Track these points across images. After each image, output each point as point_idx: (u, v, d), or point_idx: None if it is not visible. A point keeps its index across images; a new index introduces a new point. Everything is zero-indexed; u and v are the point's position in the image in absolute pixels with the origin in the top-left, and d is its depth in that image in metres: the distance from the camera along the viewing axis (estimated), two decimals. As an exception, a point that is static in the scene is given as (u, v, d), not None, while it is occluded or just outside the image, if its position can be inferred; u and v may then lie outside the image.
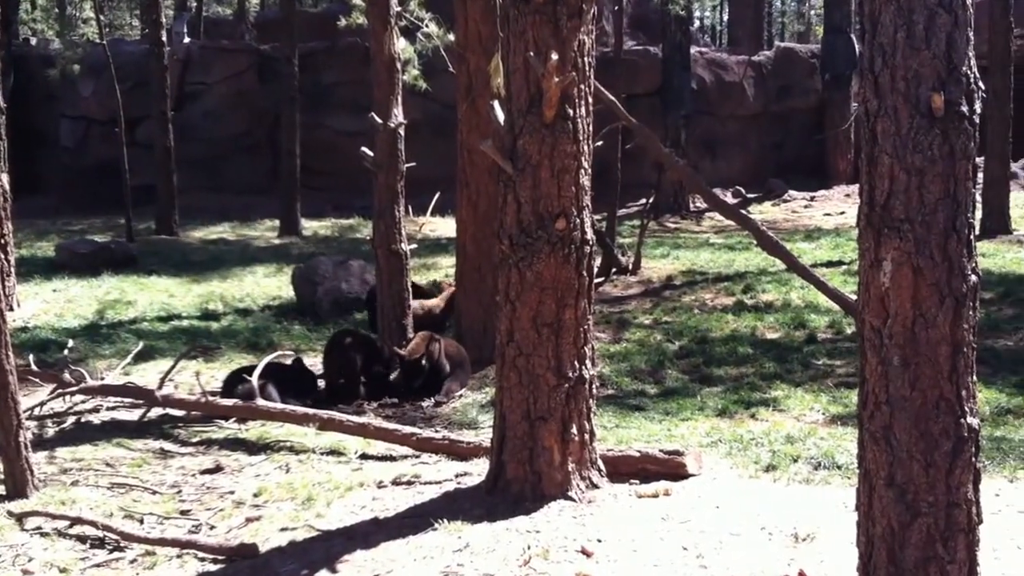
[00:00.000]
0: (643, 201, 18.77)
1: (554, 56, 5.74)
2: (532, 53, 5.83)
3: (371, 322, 10.53)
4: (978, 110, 3.98)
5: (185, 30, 26.19)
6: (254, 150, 24.83)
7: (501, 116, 6.51)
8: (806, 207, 21.05)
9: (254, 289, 13.79)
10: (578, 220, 6.02)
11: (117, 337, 10.67)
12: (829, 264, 14.25)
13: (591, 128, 6.11)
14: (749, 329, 10.56)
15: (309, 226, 20.41)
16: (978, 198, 16.62)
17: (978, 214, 16.08)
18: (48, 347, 10.33)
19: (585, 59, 6.04)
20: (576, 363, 5.98)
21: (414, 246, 10.34)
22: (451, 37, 13.08)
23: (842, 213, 19.87)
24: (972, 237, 3.98)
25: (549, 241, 5.94)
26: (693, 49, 23.19)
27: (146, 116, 21.17)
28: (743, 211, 9.94)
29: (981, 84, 4.02)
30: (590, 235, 6.10)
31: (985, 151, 16.72)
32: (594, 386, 6.10)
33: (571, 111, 5.96)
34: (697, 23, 39.20)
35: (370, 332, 10.05)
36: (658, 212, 20.02)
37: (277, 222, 21.12)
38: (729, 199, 22.45)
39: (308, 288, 12.10)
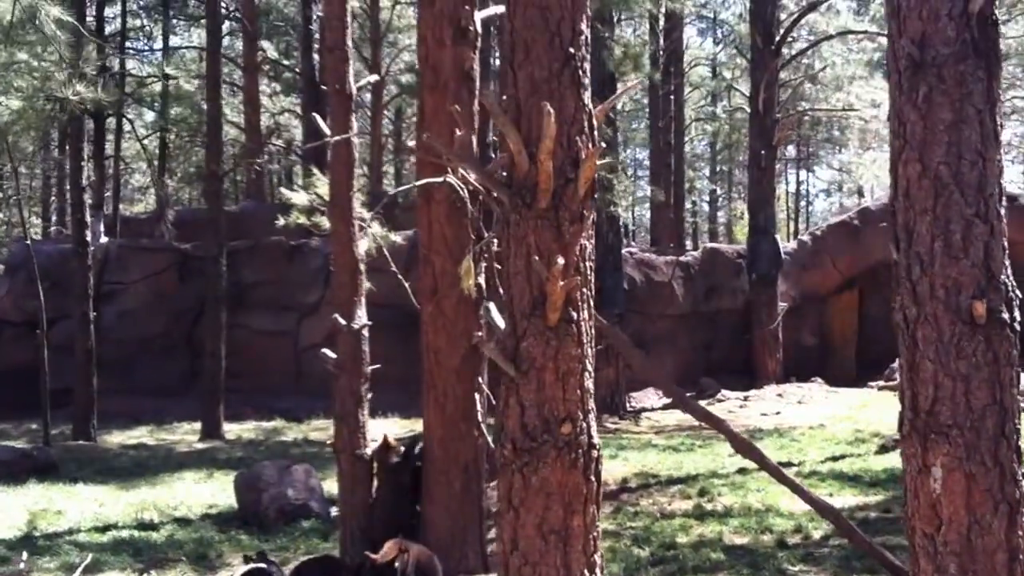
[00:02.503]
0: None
1: (560, 260, 5.69)
2: (536, 257, 5.78)
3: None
4: (1018, 317, 4.00)
5: (102, 229, 25.99)
6: (170, 351, 24.29)
7: (497, 318, 6.40)
8: (741, 407, 21.15)
9: (187, 497, 13.17)
10: (584, 424, 5.85)
11: (58, 549, 10.02)
12: (782, 465, 14.14)
13: (593, 331, 6.02)
14: (715, 534, 10.33)
15: (230, 429, 19.86)
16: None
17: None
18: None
19: (586, 263, 6.01)
20: (586, 572, 5.70)
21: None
22: (393, 237, 13.15)
23: (778, 413, 19.97)
24: (1020, 443, 3.94)
25: (555, 445, 5.74)
26: (623, 249, 23.66)
27: (62, 317, 20.66)
28: (710, 415, 9.88)
29: (1019, 292, 4.06)
30: (596, 440, 5.93)
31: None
32: (601, 599, 5.81)
33: (575, 314, 5.87)
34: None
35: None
36: (596, 412, 19.90)
37: (196, 425, 20.53)
38: (660, 399, 22.55)
39: (252, 496, 11.59)
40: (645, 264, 24.87)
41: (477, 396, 9.38)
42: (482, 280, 9.60)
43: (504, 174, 6.21)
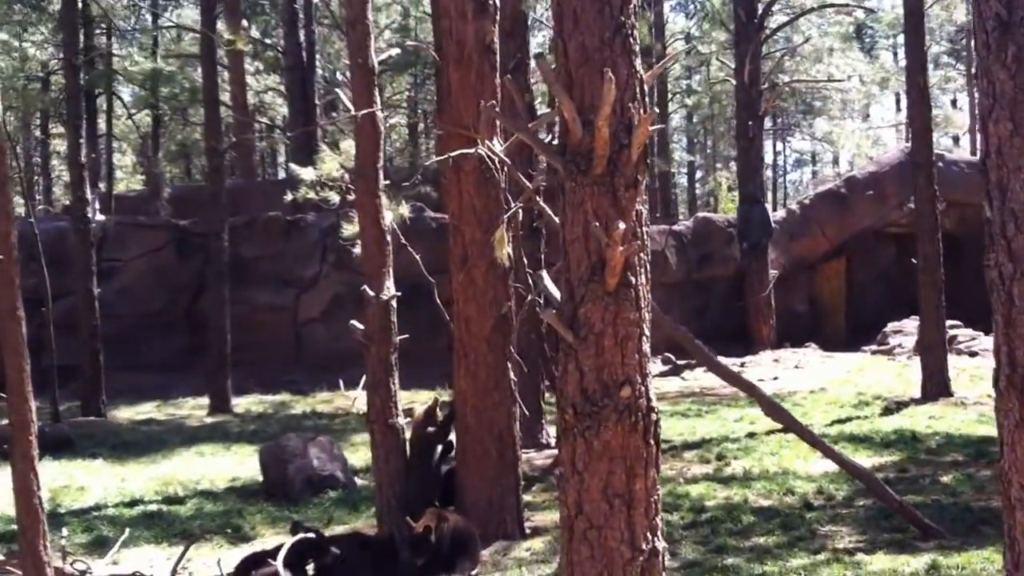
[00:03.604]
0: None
1: (621, 226, 5.80)
2: (597, 224, 5.88)
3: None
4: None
5: (98, 207, 25.90)
6: (170, 327, 24.31)
7: (550, 285, 6.52)
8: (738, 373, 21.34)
9: (207, 470, 13.26)
10: (642, 388, 5.97)
11: (89, 524, 10.10)
12: (785, 430, 14.34)
13: (650, 296, 6.14)
14: (741, 497, 10.50)
15: (238, 403, 19.92)
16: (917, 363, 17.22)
17: (918, 378, 16.62)
18: (15, 539, 9.69)
19: (642, 228, 6.12)
20: (649, 535, 5.83)
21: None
22: (402, 211, 13.24)
23: (776, 378, 20.20)
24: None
25: (616, 409, 5.85)
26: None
27: (61, 294, 20.58)
28: (741, 379, 10.05)
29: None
30: (655, 403, 6.06)
31: (920, 316, 17.39)
32: (665, 559, 5.95)
33: (633, 279, 5.98)
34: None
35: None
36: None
37: (201, 400, 20.60)
38: (658, 366, 22.74)
39: (277, 467, 11.68)
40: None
41: (509, 364, 9.52)
42: (510, 250, 9.73)
43: (555, 141, 6.32)
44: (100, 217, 25.13)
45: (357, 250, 14.86)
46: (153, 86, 24.47)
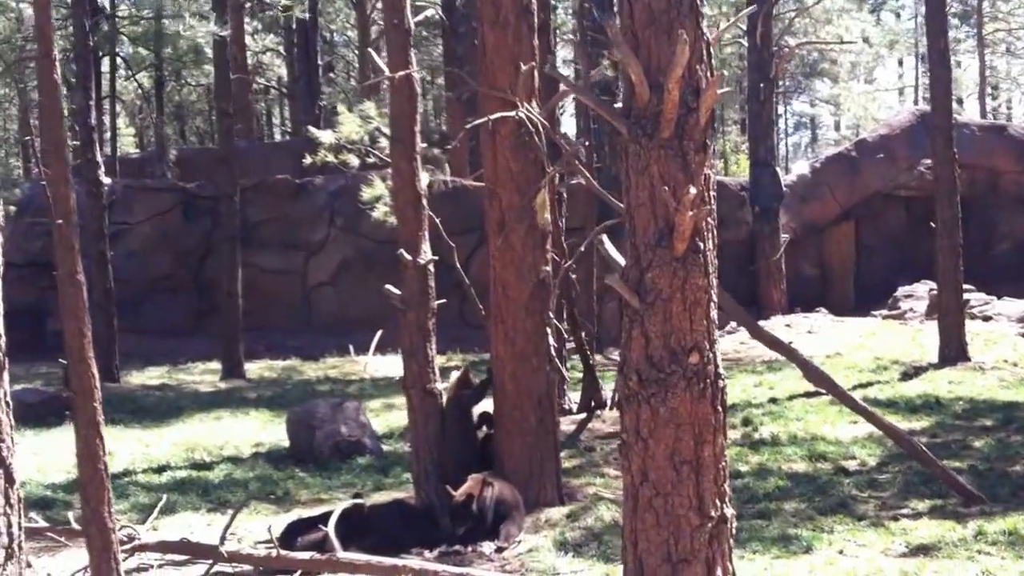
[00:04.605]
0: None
1: (692, 190, 5.71)
2: (665, 188, 5.78)
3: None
4: None
5: (102, 170, 25.68)
6: (178, 291, 24.28)
7: (611, 249, 6.44)
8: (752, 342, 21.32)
9: (230, 436, 13.22)
10: (711, 354, 5.91)
11: (122, 491, 10.03)
12: (808, 395, 14.35)
13: (717, 262, 6.06)
14: (773, 463, 10.48)
15: (249, 368, 19.87)
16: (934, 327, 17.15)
17: (936, 343, 16.57)
18: (52, 505, 9.68)
19: (710, 193, 6.04)
20: (718, 501, 5.79)
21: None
22: (442, 176, 13.17)
23: (790, 343, 20.06)
24: None
25: (684, 376, 5.79)
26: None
27: (72, 258, 20.43)
28: (781, 343, 9.99)
29: None
30: (722, 370, 5.99)
31: (938, 280, 17.33)
32: (733, 526, 5.91)
33: (701, 244, 5.91)
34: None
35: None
36: (602, 345, 20.05)
37: (211, 364, 20.58)
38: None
39: (305, 433, 11.63)
40: (648, 198, 24.85)
41: (548, 330, 9.45)
42: (548, 215, 9.63)
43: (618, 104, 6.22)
44: (107, 180, 24.95)
45: (376, 214, 14.79)
46: (157, 46, 24.16)
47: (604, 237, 6.45)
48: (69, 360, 5.79)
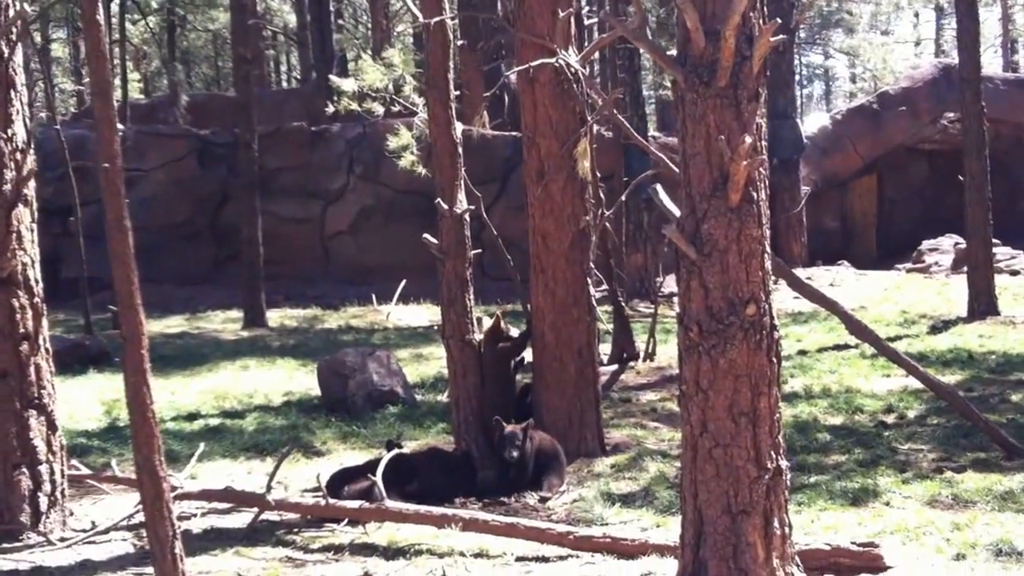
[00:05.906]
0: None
1: (747, 139, 5.61)
2: (723, 136, 5.69)
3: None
4: None
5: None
6: (194, 239, 24.14)
7: (666, 200, 6.34)
8: (773, 290, 21.21)
9: (258, 384, 13.20)
10: (766, 306, 5.86)
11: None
12: (837, 348, 14.31)
13: (769, 212, 5.97)
14: (809, 416, 10.44)
15: (270, 317, 19.81)
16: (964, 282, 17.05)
17: (965, 297, 16.48)
18: (87, 452, 9.67)
19: (762, 142, 5.93)
20: (773, 453, 5.75)
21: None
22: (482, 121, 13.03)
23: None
24: None
25: (741, 327, 5.74)
26: (648, 134, 23.49)
27: (84, 203, 20.23)
28: (825, 297, 9.93)
29: None
30: (776, 321, 5.93)
31: (966, 234, 17.21)
32: (788, 478, 5.88)
33: (755, 194, 5.81)
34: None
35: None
36: (627, 297, 19.98)
37: (230, 313, 20.52)
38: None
39: (337, 382, 11.58)
40: (670, 149, 24.69)
41: (588, 280, 9.38)
42: (588, 164, 9.52)
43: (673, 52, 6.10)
44: (119, 126, 24.79)
45: (403, 162, 14.64)
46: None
47: (658, 187, 6.34)
48: (119, 306, 5.72)
